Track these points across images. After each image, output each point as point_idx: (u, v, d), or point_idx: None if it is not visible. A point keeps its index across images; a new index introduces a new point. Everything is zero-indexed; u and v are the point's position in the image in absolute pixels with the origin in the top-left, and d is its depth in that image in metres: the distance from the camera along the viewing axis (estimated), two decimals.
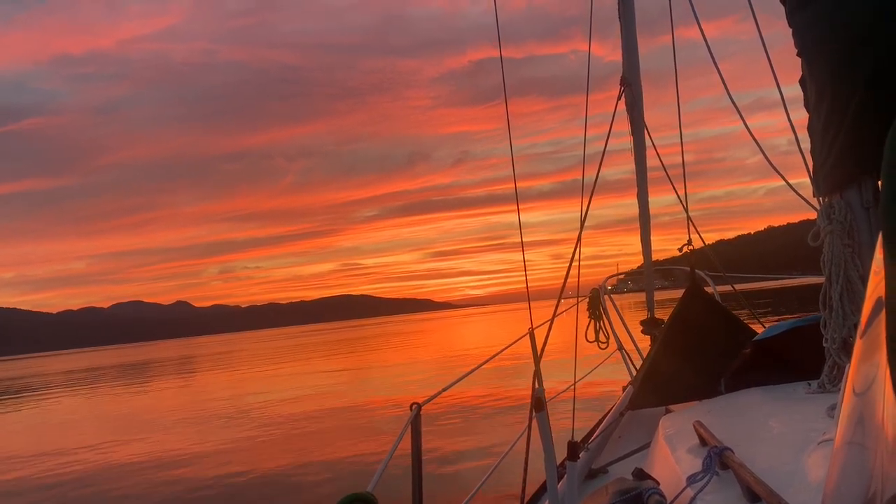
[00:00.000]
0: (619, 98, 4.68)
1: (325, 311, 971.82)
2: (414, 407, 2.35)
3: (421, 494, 2.30)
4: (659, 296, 6.43)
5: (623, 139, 4.70)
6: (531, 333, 3.15)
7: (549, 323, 3.28)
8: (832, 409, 2.07)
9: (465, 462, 9.14)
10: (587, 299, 5.61)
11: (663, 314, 5.69)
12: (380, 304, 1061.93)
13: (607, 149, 4.05)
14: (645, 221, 5.25)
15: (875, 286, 0.59)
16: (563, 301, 3.34)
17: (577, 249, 3.60)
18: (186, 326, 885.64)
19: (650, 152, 4.98)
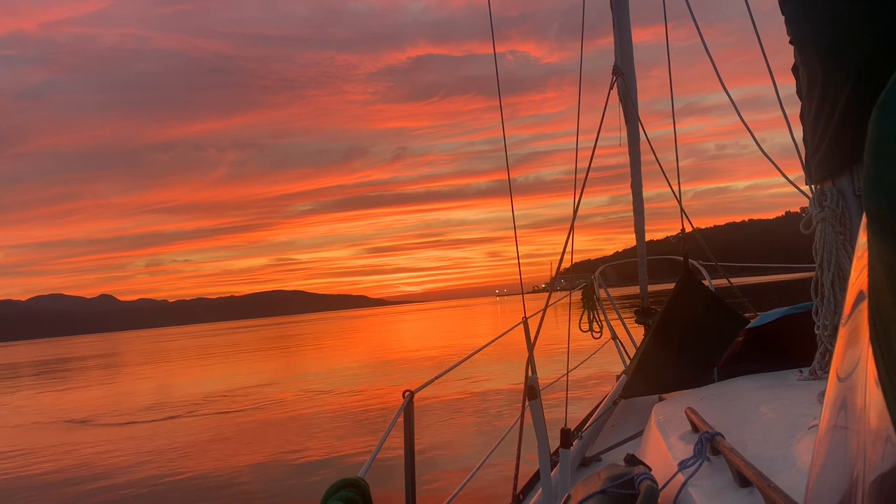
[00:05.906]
0: (610, 88, 4.67)
1: (257, 307, 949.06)
2: (406, 394, 2.35)
3: (414, 481, 2.31)
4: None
5: (570, 139, 4.52)
6: (524, 322, 3.17)
7: (541, 312, 3.30)
8: (822, 396, 2.08)
9: (459, 450, 9.16)
10: (580, 290, 5.62)
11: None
12: (313, 300, 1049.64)
13: (588, 144, 4.07)
14: (639, 212, 5.25)
15: (859, 271, 0.58)
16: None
17: (570, 240, 3.62)
18: (110, 321, 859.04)
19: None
